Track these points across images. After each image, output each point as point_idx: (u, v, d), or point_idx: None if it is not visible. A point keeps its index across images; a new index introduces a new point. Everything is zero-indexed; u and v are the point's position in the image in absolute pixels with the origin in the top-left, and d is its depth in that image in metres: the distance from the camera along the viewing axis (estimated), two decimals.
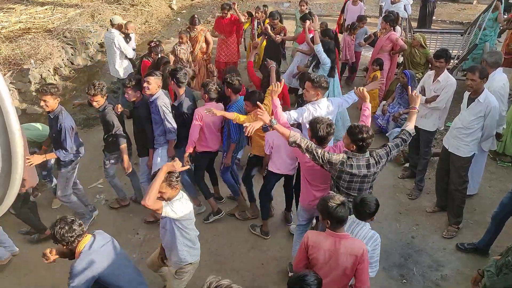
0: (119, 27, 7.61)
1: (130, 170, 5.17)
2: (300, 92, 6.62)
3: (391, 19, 7.66)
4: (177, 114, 5.13)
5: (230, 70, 7.13)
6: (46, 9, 11.16)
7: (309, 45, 6.86)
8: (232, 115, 4.76)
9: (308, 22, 6.92)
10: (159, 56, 6.54)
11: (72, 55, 9.44)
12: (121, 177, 5.69)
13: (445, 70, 5.37)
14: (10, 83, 7.76)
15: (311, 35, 6.69)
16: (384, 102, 7.50)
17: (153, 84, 4.86)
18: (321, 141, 3.76)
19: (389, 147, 3.76)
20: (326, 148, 3.79)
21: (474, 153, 4.96)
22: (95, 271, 3.13)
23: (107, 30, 7.94)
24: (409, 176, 6.25)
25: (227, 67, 8.20)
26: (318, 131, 3.71)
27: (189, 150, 4.99)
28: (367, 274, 3.15)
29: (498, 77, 5.17)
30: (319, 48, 6.19)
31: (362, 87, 4.50)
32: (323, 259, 3.10)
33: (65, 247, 3.18)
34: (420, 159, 5.81)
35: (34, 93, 7.93)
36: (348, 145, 3.61)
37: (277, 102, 4.23)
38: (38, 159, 4.67)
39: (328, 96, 6.36)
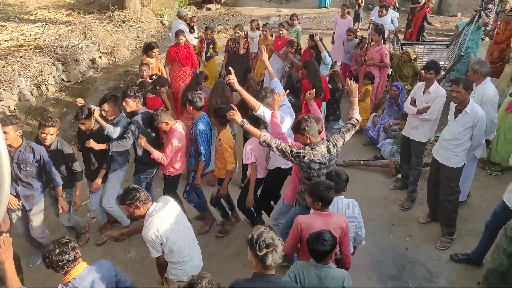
0: (185, 19, 8.96)
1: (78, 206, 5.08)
2: None
3: (383, 32, 7.79)
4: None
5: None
6: (38, 26, 11.16)
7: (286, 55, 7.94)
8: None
9: (285, 31, 8.09)
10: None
11: (63, 71, 9.42)
12: None
13: (435, 82, 5.46)
14: (0, 101, 7.72)
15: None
16: (374, 113, 7.59)
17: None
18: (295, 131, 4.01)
19: (342, 132, 4.13)
20: (290, 143, 4.13)
21: (464, 164, 5.02)
22: None
23: (175, 20, 9.36)
24: (401, 187, 6.29)
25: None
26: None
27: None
28: (349, 239, 3.71)
29: (489, 85, 5.30)
30: (325, 54, 7.37)
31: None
32: None
33: (57, 272, 3.03)
34: (412, 169, 5.87)
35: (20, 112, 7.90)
36: (304, 139, 3.93)
37: (278, 114, 4.37)
38: None
39: None
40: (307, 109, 5.62)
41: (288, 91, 5.18)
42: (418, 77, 7.66)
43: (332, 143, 3.98)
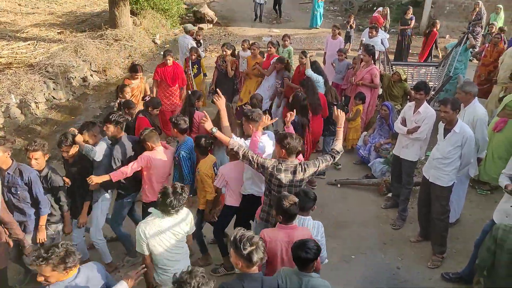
0: (191, 34, 9.53)
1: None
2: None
3: (373, 52, 7.90)
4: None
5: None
6: (29, 44, 11.18)
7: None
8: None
9: (273, 48, 8.38)
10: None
11: (54, 89, 9.40)
12: None
13: (425, 102, 5.54)
14: None
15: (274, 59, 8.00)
16: (365, 133, 7.63)
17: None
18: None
19: (318, 160, 4.14)
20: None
21: (454, 182, 5.06)
22: None
23: (182, 35, 10.15)
24: (392, 206, 6.29)
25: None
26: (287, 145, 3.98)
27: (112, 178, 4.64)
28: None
29: (479, 105, 5.42)
30: (309, 72, 7.21)
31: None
32: (280, 250, 3.52)
33: (53, 270, 2.90)
34: (403, 188, 5.88)
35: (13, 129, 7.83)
36: (279, 152, 4.03)
37: (259, 134, 4.35)
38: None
39: None
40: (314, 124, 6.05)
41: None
42: (408, 97, 7.76)
43: (302, 167, 3.98)
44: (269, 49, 8.38)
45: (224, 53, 8.26)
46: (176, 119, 4.96)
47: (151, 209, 3.72)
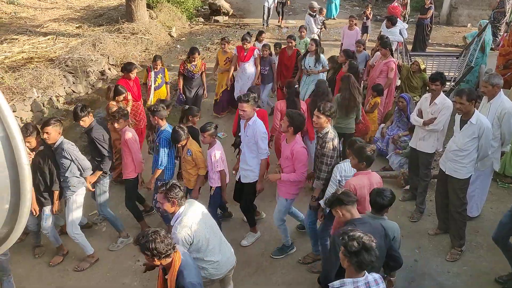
0: (313, 11, 11.10)
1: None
2: None
3: (389, 44, 7.78)
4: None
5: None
6: (49, 39, 11.37)
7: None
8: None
9: (248, 44, 8.15)
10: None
11: (73, 83, 9.56)
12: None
13: (442, 93, 5.45)
14: (12, 111, 7.82)
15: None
16: (382, 125, 7.56)
17: (53, 133, 4.68)
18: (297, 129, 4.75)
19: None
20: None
21: (471, 174, 4.99)
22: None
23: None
24: (410, 199, 6.25)
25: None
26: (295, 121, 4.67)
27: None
28: None
29: (505, 97, 5.24)
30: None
31: None
32: (366, 193, 3.99)
33: (159, 261, 3.11)
34: (420, 181, 5.83)
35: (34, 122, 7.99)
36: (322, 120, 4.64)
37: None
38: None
39: None
40: None
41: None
42: (428, 87, 7.64)
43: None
44: (245, 45, 8.11)
45: (194, 58, 7.84)
46: (155, 107, 5.23)
47: (172, 222, 3.71)
